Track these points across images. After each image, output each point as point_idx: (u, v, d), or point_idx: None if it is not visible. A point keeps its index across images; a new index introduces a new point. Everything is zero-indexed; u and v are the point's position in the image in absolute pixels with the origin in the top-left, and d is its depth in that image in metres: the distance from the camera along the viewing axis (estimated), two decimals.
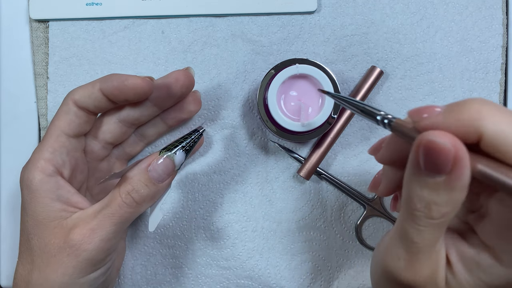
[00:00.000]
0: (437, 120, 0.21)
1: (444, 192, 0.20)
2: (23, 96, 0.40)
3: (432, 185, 0.20)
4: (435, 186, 0.20)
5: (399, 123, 0.22)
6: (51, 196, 0.31)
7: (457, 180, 0.20)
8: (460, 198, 0.20)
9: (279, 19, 0.40)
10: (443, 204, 0.21)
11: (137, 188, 0.30)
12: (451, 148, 0.19)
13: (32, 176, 0.31)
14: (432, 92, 0.40)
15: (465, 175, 0.20)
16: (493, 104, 0.21)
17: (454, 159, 0.19)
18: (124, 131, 0.35)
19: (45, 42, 0.40)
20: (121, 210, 0.30)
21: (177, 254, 0.40)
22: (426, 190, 0.21)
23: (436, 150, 0.19)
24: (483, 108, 0.20)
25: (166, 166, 0.31)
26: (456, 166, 0.19)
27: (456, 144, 0.19)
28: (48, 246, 0.30)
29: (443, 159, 0.19)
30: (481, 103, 0.20)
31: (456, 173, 0.20)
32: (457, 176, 0.20)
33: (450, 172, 0.20)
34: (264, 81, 0.36)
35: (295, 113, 0.36)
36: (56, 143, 0.32)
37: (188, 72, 0.34)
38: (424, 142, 0.20)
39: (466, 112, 0.20)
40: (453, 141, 0.19)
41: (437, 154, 0.19)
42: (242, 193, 0.40)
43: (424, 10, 0.40)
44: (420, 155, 0.20)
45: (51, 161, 0.31)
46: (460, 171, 0.20)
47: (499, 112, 0.20)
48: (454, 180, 0.20)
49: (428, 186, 0.20)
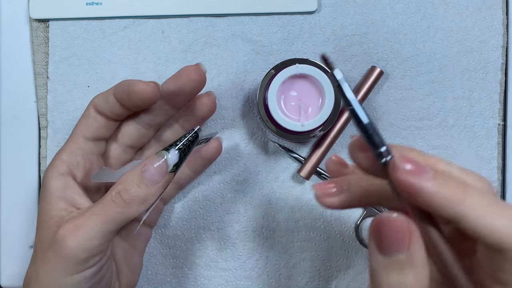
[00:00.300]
0: (426, 186, 0.21)
1: (409, 271, 0.20)
2: (23, 95, 0.40)
3: (396, 265, 0.20)
4: (400, 266, 0.20)
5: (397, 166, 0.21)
6: (58, 195, 0.31)
7: (417, 255, 0.20)
8: (425, 277, 0.21)
9: (279, 19, 0.40)
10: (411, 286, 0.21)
11: (128, 188, 0.29)
12: (405, 224, 0.20)
13: (47, 174, 0.32)
14: (432, 92, 0.40)
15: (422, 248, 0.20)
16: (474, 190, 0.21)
17: (409, 235, 0.20)
18: (142, 134, 0.35)
19: (45, 41, 0.40)
20: (108, 208, 0.29)
21: (178, 254, 0.40)
22: (394, 273, 0.21)
23: (393, 228, 0.20)
24: (467, 192, 0.21)
25: (159, 166, 0.30)
26: (412, 241, 0.20)
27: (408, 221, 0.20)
28: (43, 243, 0.30)
29: (400, 235, 0.20)
30: (464, 186, 0.21)
31: (414, 247, 0.20)
32: (416, 249, 0.20)
33: (409, 247, 0.20)
34: (264, 81, 0.36)
35: (295, 113, 0.36)
36: (74, 145, 0.33)
37: (199, 67, 0.33)
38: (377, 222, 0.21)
39: (454, 194, 0.21)
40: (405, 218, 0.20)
41: (394, 231, 0.20)
42: (242, 193, 0.40)
43: (424, 10, 0.40)
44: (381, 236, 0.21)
45: (65, 162, 0.32)
46: (417, 245, 0.20)
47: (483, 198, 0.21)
48: (415, 255, 0.20)
49: (393, 268, 0.21)
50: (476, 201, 0.21)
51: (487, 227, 0.20)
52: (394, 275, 0.21)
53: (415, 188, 0.21)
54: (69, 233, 0.29)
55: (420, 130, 0.40)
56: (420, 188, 0.21)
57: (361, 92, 0.39)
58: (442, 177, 0.21)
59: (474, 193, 0.21)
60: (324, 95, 0.35)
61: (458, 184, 0.21)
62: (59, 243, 0.29)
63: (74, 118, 0.40)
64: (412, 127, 0.40)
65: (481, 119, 0.40)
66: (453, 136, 0.40)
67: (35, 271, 0.30)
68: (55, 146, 0.40)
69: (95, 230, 0.29)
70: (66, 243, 0.28)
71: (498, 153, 0.40)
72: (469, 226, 0.21)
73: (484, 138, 0.40)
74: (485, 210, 0.21)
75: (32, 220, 0.40)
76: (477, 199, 0.21)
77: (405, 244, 0.20)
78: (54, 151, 0.40)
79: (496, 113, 0.40)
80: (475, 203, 0.21)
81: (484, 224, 0.20)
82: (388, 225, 0.20)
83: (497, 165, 0.40)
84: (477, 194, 0.21)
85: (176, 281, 0.40)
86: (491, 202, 0.21)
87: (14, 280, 0.40)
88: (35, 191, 0.40)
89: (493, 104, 0.40)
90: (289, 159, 0.40)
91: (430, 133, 0.40)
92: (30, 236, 0.40)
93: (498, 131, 0.40)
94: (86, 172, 0.33)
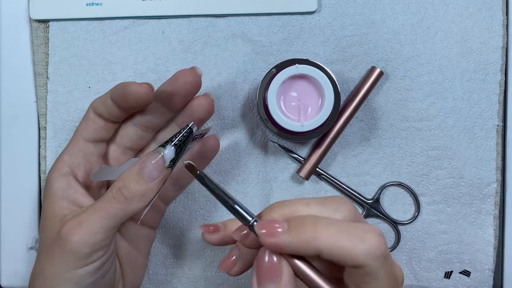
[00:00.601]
0: (281, 242, 0.25)
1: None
2: (23, 95, 0.40)
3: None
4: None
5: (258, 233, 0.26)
6: (60, 194, 0.32)
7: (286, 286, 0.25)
8: None
9: (279, 19, 0.40)
10: None
11: (128, 184, 0.30)
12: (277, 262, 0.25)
13: (49, 175, 0.33)
14: (432, 93, 0.40)
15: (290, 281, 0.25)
16: (325, 220, 0.25)
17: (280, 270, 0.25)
18: (140, 136, 0.35)
19: (45, 42, 0.40)
20: (109, 204, 0.30)
21: (178, 254, 0.40)
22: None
23: (267, 265, 0.25)
24: (318, 227, 0.24)
25: (157, 162, 0.31)
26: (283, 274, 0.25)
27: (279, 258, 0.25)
28: (48, 241, 0.31)
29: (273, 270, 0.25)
30: (314, 221, 0.25)
31: (284, 280, 0.25)
32: (285, 282, 0.25)
33: (280, 279, 0.25)
34: (264, 81, 0.36)
35: (295, 113, 0.36)
36: (75, 146, 0.34)
37: (193, 70, 0.34)
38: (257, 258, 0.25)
39: (306, 233, 0.24)
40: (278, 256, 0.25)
41: (269, 267, 0.25)
42: (242, 193, 0.40)
43: (425, 11, 0.40)
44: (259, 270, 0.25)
45: (67, 163, 0.33)
46: (286, 277, 0.25)
47: (332, 228, 0.24)
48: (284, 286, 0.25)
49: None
50: (325, 233, 0.24)
51: (340, 252, 0.24)
52: None
53: (276, 245, 0.25)
54: (73, 228, 0.30)
55: (420, 131, 0.40)
56: (278, 243, 0.25)
57: (360, 93, 0.39)
58: (295, 225, 0.25)
59: (323, 226, 0.24)
60: (323, 96, 0.35)
61: (309, 225, 0.25)
62: (63, 239, 0.30)
63: (75, 118, 0.40)
64: (412, 128, 0.40)
65: (481, 120, 0.40)
66: (453, 137, 0.40)
67: (40, 267, 0.31)
68: (55, 146, 0.40)
69: (98, 225, 0.30)
70: (70, 238, 0.30)
71: (497, 154, 0.40)
72: (328, 256, 0.24)
73: (483, 139, 0.40)
74: (334, 238, 0.24)
75: (32, 220, 0.40)
76: (326, 231, 0.24)
77: (277, 277, 0.25)
78: (54, 151, 0.40)
79: (495, 114, 0.40)
80: (325, 235, 0.24)
81: (337, 250, 0.24)
82: (264, 262, 0.25)
83: (496, 166, 0.40)
84: (326, 226, 0.25)
85: (177, 281, 0.40)
86: (338, 229, 0.24)
87: (14, 280, 0.40)
88: (35, 191, 0.41)
89: (492, 105, 0.40)
90: (288, 159, 0.40)
91: (429, 134, 0.40)
92: (30, 236, 0.40)
93: (497, 132, 0.40)
94: (87, 172, 0.34)
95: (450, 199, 0.40)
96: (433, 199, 0.40)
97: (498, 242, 0.40)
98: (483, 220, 0.40)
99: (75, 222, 0.30)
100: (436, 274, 0.40)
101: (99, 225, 0.30)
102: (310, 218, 0.25)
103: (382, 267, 0.24)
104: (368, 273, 0.24)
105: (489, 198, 0.40)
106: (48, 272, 0.31)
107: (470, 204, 0.40)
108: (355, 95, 0.39)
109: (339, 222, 0.25)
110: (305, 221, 0.25)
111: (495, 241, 0.40)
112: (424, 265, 0.40)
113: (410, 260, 0.40)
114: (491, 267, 0.40)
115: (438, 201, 0.40)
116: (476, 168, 0.40)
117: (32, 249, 0.40)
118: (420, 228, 0.40)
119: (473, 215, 0.40)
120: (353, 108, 0.39)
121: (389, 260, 0.25)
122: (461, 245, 0.40)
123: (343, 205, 0.27)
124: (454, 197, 0.40)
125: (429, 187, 0.40)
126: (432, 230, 0.40)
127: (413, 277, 0.40)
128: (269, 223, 0.25)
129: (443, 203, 0.40)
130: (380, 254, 0.24)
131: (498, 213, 0.40)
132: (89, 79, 0.40)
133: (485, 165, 0.40)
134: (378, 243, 0.24)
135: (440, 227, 0.40)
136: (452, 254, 0.40)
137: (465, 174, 0.40)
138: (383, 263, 0.24)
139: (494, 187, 0.40)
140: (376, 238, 0.24)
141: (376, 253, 0.24)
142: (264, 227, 0.25)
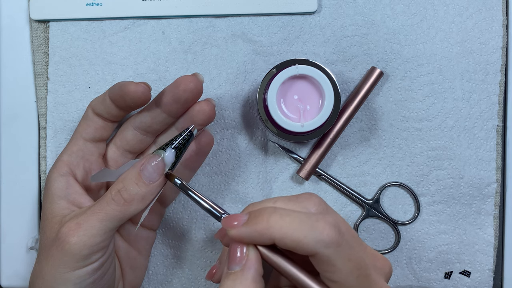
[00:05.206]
0: (241, 233, 0.27)
1: (239, 282, 0.26)
2: (23, 96, 0.40)
3: (232, 275, 0.26)
4: (234, 277, 0.26)
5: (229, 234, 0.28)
6: (59, 194, 0.33)
7: (249, 271, 0.26)
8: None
9: (279, 19, 0.40)
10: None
11: (127, 186, 0.31)
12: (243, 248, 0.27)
13: (49, 175, 0.33)
14: (432, 93, 0.40)
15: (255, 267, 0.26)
16: (281, 212, 0.26)
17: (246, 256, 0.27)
18: (139, 139, 0.35)
19: (45, 42, 0.40)
20: (108, 206, 0.30)
21: (178, 255, 0.40)
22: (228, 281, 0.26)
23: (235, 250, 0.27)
24: (271, 218, 0.26)
25: (157, 165, 0.31)
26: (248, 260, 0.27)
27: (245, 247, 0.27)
28: (47, 241, 0.32)
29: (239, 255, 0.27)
30: (269, 213, 0.26)
31: (248, 265, 0.26)
32: (248, 267, 0.26)
33: (244, 264, 0.26)
34: (264, 81, 0.36)
35: (295, 113, 0.36)
36: (74, 146, 0.34)
37: (195, 76, 0.34)
38: (230, 246, 0.27)
39: (259, 224, 0.26)
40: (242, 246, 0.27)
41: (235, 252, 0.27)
42: (243, 194, 0.40)
43: (425, 12, 0.40)
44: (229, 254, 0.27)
45: (66, 162, 0.34)
46: (251, 263, 0.26)
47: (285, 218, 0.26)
48: (247, 271, 0.26)
49: (230, 277, 0.26)
50: (278, 224, 0.26)
51: (292, 241, 0.25)
52: (228, 282, 0.26)
53: (237, 235, 0.27)
54: (71, 230, 0.30)
55: (420, 131, 0.40)
56: (239, 234, 0.27)
57: (360, 93, 0.39)
58: (253, 217, 0.27)
59: (277, 217, 0.26)
60: (323, 96, 0.35)
61: (264, 216, 0.26)
62: (62, 240, 0.30)
63: (75, 119, 0.40)
64: (412, 128, 0.40)
65: (481, 121, 0.40)
66: (453, 138, 0.40)
67: (40, 267, 0.32)
68: (55, 146, 0.40)
69: (96, 227, 0.30)
70: (69, 240, 0.30)
71: (497, 155, 0.40)
72: (282, 244, 0.26)
73: (483, 139, 0.40)
74: (285, 229, 0.25)
75: (32, 221, 0.40)
76: (279, 222, 0.26)
77: (242, 261, 0.26)
78: (54, 151, 0.40)
79: (495, 114, 0.40)
80: (278, 226, 0.26)
81: (289, 240, 0.25)
82: (232, 250, 0.27)
83: (496, 166, 0.40)
84: (280, 217, 0.26)
85: (177, 281, 0.40)
86: (291, 220, 0.26)
87: (14, 280, 0.40)
88: (35, 191, 0.41)
89: (492, 105, 0.40)
90: (288, 160, 0.40)
91: (429, 134, 0.40)
92: (30, 236, 0.40)
93: (497, 132, 0.40)
94: (86, 171, 0.34)
95: (450, 200, 0.40)
96: (433, 200, 0.40)
97: (498, 242, 0.40)
98: (483, 221, 0.40)
99: (73, 223, 0.30)
100: (436, 275, 0.40)
101: (98, 227, 0.30)
102: (267, 210, 0.27)
103: (337, 255, 0.25)
104: (324, 260, 0.25)
105: (489, 199, 0.40)
106: (47, 273, 0.31)
107: (470, 205, 0.40)
108: (355, 95, 0.39)
109: (295, 213, 0.26)
110: (262, 213, 0.27)
111: (495, 242, 0.40)
112: (424, 266, 0.40)
113: (410, 261, 0.40)
114: (491, 268, 0.40)
115: (438, 202, 0.40)
116: (476, 168, 0.40)
117: (32, 249, 0.40)
118: (420, 229, 0.40)
119: (473, 216, 0.40)
120: (353, 108, 0.39)
121: (345, 248, 0.26)
122: (461, 246, 0.40)
123: (309, 200, 0.28)
124: (454, 197, 0.40)
125: (429, 187, 0.40)
126: (432, 230, 0.40)
127: (413, 278, 0.40)
128: (232, 217, 0.28)
129: (443, 203, 0.40)
130: (329, 241, 0.25)
131: (498, 213, 0.40)
132: (89, 79, 0.40)
133: (485, 166, 0.40)
134: (327, 230, 0.25)
135: (440, 227, 0.40)
136: (452, 255, 0.40)
137: (465, 174, 0.40)
138: (336, 251, 0.25)
139: (494, 187, 0.40)
140: (326, 226, 0.25)
141: (325, 240, 0.25)
142: (227, 221, 0.27)
